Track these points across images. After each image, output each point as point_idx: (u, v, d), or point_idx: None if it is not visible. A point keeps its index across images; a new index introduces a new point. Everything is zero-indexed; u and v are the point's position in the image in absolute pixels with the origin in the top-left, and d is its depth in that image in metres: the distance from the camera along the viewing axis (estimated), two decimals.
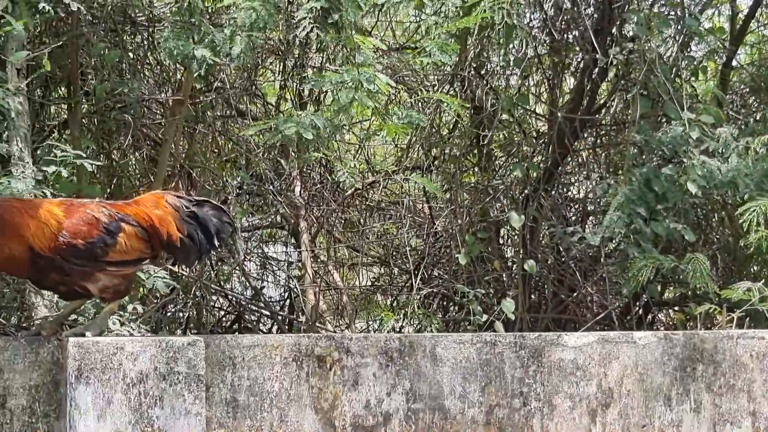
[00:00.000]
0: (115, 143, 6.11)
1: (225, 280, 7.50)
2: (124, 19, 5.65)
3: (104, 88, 5.27)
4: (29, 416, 3.54)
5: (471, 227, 6.69)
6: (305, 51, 6.22)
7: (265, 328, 7.34)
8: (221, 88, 6.49)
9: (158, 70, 6.34)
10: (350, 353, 3.98)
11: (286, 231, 7.48)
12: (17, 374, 3.53)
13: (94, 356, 3.53)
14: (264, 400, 3.83)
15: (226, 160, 6.97)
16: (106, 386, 3.55)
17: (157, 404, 3.59)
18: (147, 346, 3.58)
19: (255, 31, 4.68)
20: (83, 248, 3.56)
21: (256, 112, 6.89)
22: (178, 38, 4.57)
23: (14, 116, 4.48)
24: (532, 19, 6.77)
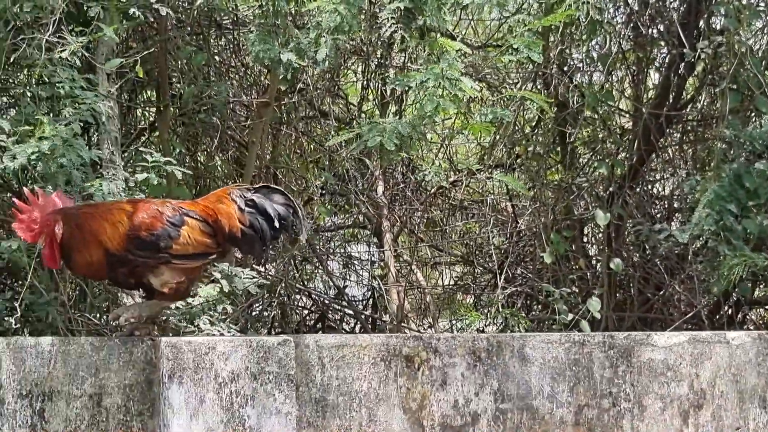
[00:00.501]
0: (201, 146, 6.19)
1: (309, 279, 7.56)
2: (210, 22, 5.72)
3: (191, 91, 5.34)
4: (124, 414, 3.60)
5: (555, 225, 6.63)
6: (388, 51, 6.23)
7: (348, 327, 7.38)
8: (304, 90, 6.54)
9: (243, 73, 6.41)
10: (438, 353, 3.97)
11: (368, 230, 7.51)
12: (112, 373, 3.59)
13: (186, 356, 3.58)
14: (353, 399, 3.84)
15: (309, 160, 7.01)
16: (199, 385, 3.59)
17: (248, 403, 3.63)
18: (238, 346, 3.62)
19: (339, 33, 4.70)
20: (147, 240, 3.61)
21: (339, 112, 6.93)
22: (264, 41, 4.61)
23: (105, 120, 4.57)
24: (615, 14, 6.69)
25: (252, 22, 5.73)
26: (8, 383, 3.49)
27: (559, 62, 6.47)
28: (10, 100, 5.14)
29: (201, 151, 6.37)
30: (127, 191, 4.44)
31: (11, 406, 3.50)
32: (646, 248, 6.76)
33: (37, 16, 4.33)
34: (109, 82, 4.65)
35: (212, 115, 5.66)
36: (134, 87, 5.88)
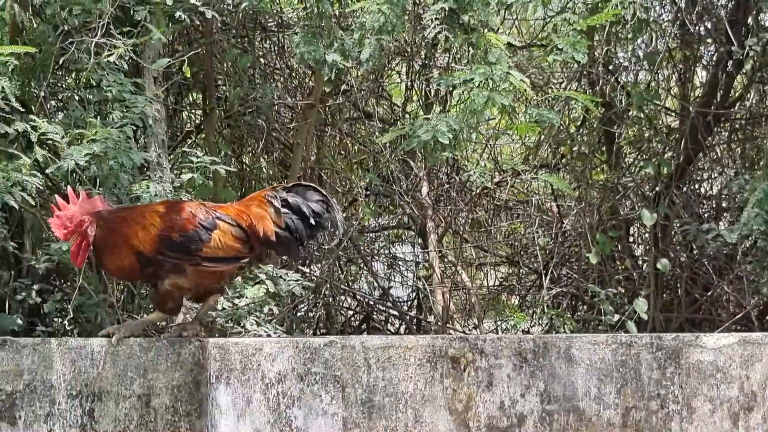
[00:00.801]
0: (246, 148, 6.23)
1: (353, 280, 7.57)
2: (255, 25, 5.75)
3: (237, 93, 5.37)
4: (172, 415, 3.62)
5: (600, 225, 6.58)
6: (432, 51, 6.22)
7: (393, 328, 7.38)
8: (348, 91, 6.55)
9: (287, 75, 6.44)
10: (484, 354, 3.96)
11: (413, 231, 7.50)
12: (160, 374, 3.62)
13: (233, 357, 3.61)
14: (399, 400, 3.84)
15: (353, 161, 7.02)
16: (246, 386, 3.62)
17: (294, 404, 3.65)
18: (285, 347, 3.64)
19: (383, 34, 4.70)
20: (178, 241, 3.62)
21: (383, 113, 6.93)
22: (308, 43, 4.62)
23: (152, 123, 4.61)
24: (662, 12, 6.63)
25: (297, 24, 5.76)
26: (59, 384, 3.54)
27: (604, 61, 6.42)
28: (58, 103, 5.19)
29: (246, 153, 6.40)
30: (174, 193, 4.48)
31: (62, 406, 3.54)
32: (694, 248, 6.69)
33: (85, 21, 4.38)
34: (156, 85, 4.68)
35: (257, 118, 5.69)
36: (180, 90, 5.93)
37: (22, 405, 3.52)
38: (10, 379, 3.51)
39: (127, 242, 3.60)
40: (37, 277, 4.62)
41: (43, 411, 3.53)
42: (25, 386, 3.52)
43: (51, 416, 3.53)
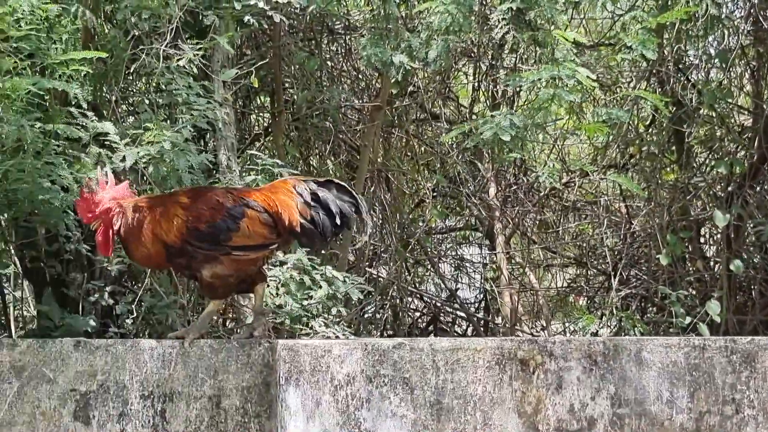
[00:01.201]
0: (314, 150, 6.25)
1: (420, 282, 7.57)
2: (322, 28, 5.77)
3: (305, 96, 5.40)
4: (242, 416, 3.64)
5: (671, 226, 6.48)
6: (499, 52, 6.19)
7: (459, 329, 7.36)
8: (415, 93, 6.55)
9: (354, 78, 6.46)
10: (553, 357, 3.92)
11: (480, 233, 7.48)
12: (230, 375, 3.64)
13: (303, 359, 3.62)
14: (467, 403, 3.82)
15: (420, 163, 7.02)
16: (315, 388, 3.63)
17: (363, 406, 3.65)
18: (354, 349, 3.64)
19: (450, 34, 4.69)
20: (206, 232, 3.60)
21: (450, 114, 6.91)
22: (376, 45, 4.63)
23: (221, 126, 4.65)
24: (734, 8, 6.51)
25: (363, 27, 5.78)
26: (131, 384, 3.58)
27: (674, 60, 6.32)
28: (129, 108, 5.26)
29: (313, 155, 6.43)
30: None
31: (134, 406, 3.58)
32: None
33: (154, 26, 4.43)
34: (225, 89, 4.72)
35: (325, 120, 5.71)
36: (248, 93, 5.97)
37: (96, 405, 3.57)
38: (84, 380, 3.56)
39: (152, 232, 3.59)
40: (110, 279, 4.69)
41: (115, 411, 3.58)
42: (99, 387, 3.57)
43: (123, 416, 3.58)
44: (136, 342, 3.61)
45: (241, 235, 3.62)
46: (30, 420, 3.52)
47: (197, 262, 3.62)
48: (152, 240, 3.59)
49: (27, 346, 3.55)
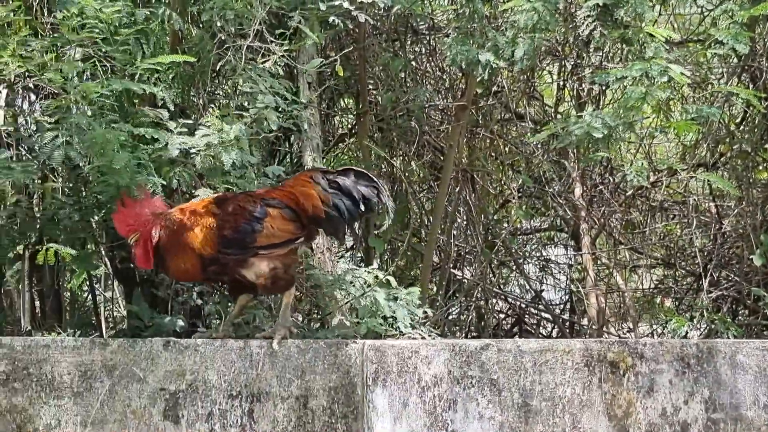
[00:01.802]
0: (398, 150, 6.24)
1: (504, 283, 7.50)
2: (406, 28, 5.76)
3: (389, 97, 5.38)
4: (329, 416, 3.64)
5: (764, 226, 6.31)
6: (586, 50, 6.10)
7: (545, 331, 7.27)
8: (499, 92, 6.49)
9: (437, 78, 6.43)
10: (644, 359, 3.84)
11: (565, 233, 7.38)
12: (317, 376, 3.64)
13: (390, 359, 3.61)
14: (556, 405, 3.76)
15: (506, 163, 6.96)
16: (402, 389, 3.61)
17: (451, 408, 3.62)
18: (441, 350, 3.61)
19: (537, 32, 4.63)
20: (232, 238, 3.63)
21: (534, 114, 6.84)
22: (461, 44, 4.59)
23: (306, 128, 4.66)
24: None
25: (447, 26, 5.75)
26: (220, 384, 3.60)
27: (767, 54, 6.15)
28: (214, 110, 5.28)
29: (397, 156, 6.41)
30: None
31: (223, 405, 3.60)
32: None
33: (239, 28, 4.46)
34: (311, 90, 4.73)
35: (409, 120, 5.69)
36: (332, 95, 5.99)
37: (185, 404, 3.60)
38: (173, 379, 3.59)
39: (189, 246, 3.63)
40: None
41: (204, 411, 3.60)
42: (188, 386, 3.60)
43: (212, 416, 3.60)
44: (224, 342, 3.64)
45: (265, 235, 3.66)
46: (121, 418, 3.56)
47: (230, 268, 3.66)
48: (189, 254, 3.64)
49: (118, 345, 3.60)
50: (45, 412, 3.56)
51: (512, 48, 4.66)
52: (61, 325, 4.93)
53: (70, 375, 3.57)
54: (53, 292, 5.22)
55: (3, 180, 4.07)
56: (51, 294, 5.21)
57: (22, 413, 3.56)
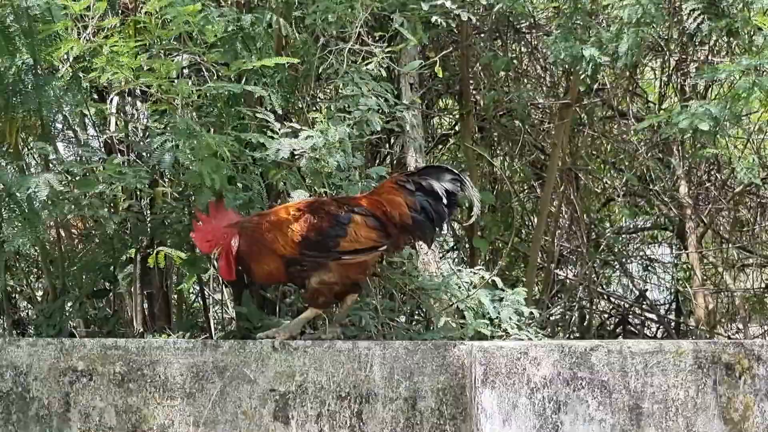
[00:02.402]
0: (500, 150, 6.20)
1: (607, 283, 7.40)
2: (507, 27, 5.71)
3: (492, 96, 5.35)
4: (437, 418, 3.63)
5: None
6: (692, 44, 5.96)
7: (649, 332, 7.14)
8: (601, 90, 6.40)
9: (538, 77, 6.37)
10: (761, 361, 3.74)
11: (670, 232, 7.23)
12: (426, 377, 3.63)
13: (498, 361, 3.58)
14: (668, 408, 3.68)
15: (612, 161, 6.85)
16: (511, 390, 3.58)
17: (560, 409, 3.57)
18: (550, 351, 3.57)
19: (641, 26, 4.55)
20: (315, 240, 3.65)
21: (637, 111, 6.72)
22: (565, 40, 4.54)
23: (408, 129, 4.66)
24: None
25: (548, 24, 5.69)
26: (328, 385, 3.62)
27: None
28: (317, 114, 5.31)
29: (498, 155, 6.37)
30: None
31: (332, 407, 3.62)
32: None
33: (341, 31, 4.48)
34: (412, 91, 4.73)
35: (512, 120, 5.65)
36: (432, 96, 5.97)
37: (294, 405, 3.63)
38: (282, 380, 3.62)
39: (270, 248, 3.67)
40: None
41: (314, 412, 3.62)
42: (297, 387, 3.62)
43: (321, 417, 3.62)
44: (333, 343, 3.65)
45: (348, 240, 3.69)
46: (232, 419, 3.61)
47: (307, 270, 3.69)
48: (272, 256, 3.68)
49: (229, 347, 3.64)
50: (159, 413, 3.63)
51: (616, 43, 4.58)
52: (169, 327, 5.02)
53: (182, 376, 3.63)
54: (161, 295, 5.32)
55: (116, 185, 4.17)
56: (159, 296, 5.31)
57: (137, 413, 3.63)
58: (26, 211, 4.20)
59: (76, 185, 4.19)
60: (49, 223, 4.65)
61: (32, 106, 4.40)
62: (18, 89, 4.47)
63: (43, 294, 5.32)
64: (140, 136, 4.97)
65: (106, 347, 3.67)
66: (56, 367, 3.68)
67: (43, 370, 3.68)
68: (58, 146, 4.91)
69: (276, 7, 4.47)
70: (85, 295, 4.81)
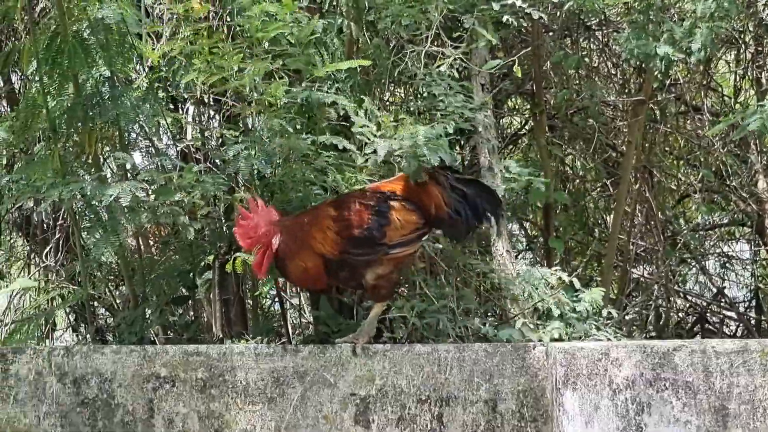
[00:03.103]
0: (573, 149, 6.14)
1: (683, 281, 7.28)
2: (578, 25, 5.66)
3: (564, 95, 5.30)
4: (518, 420, 3.61)
5: None
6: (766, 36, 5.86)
7: (728, 330, 7.02)
8: (673, 85, 6.31)
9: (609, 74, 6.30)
10: None
11: (748, 228, 7.10)
12: (506, 379, 3.61)
13: (579, 362, 3.54)
14: (756, 409, 3.61)
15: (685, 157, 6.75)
16: (593, 392, 3.54)
17: (644, 411, 3.53)
18: (632, 352, 3.53)
19: (717, 20, 4.47)
20: (362, 236, 3.61)
21: (712, 106, 6.61)
22: (637, 37, 4.48)
23: (481, 130, 4.64)
24: None
25: (618, 21, 5.62)
26: (408, 389, 3.62)
27: None
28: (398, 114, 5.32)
29: (571, 154, 6.32)
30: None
31: (412, 410, 3.62)
32: None
33: (414, 33, 4.48)
34: (484, 91, 4.71)
35: (585, 119, 5.59)
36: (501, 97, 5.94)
37: (375, 409, 3.64)
38: (363, 384, 3.64)
39: (309, 246, 3.62)
40: None
41: (394, 415, 3.63)
42: (377, 391, 3.63)
43: (402, 421, 3.63)
44: (412, 347, 3.66)
45: (393, 228, 3.65)
46: (313, 423, 3.63)
47: (360, 270, 3.65)
48: (309, 255, 3.63)
49: (308, 351, 3.67)
50: (241, 418, 3.66)
51: (689, 39, 4.50)
52: (246, 332, 5.07)
53: (263, 381, 3.66)
54: (238, 300, 5.37)
55: (195, 193, 4.22)
56: (236, 302, 5.37)
57: (219, 419, 3.68)
58: (106, 221, 4.28)
59: (155, 193, 4.26)
60: (128, 231, 4.73)
61: (110, 117, 4.48)
62: (96, 101, 4.56)
63: (124, 301, 5.41)
64: (215, 144, 5.02)
65: (187, 353, 3.71)
66: (140, 374, 3.74)
67: (127, 376, 3.74)
68: (134, 156, 4.99)
69: (347, 12, 4.48)
70: (165, 301, 4.87)
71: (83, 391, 3.78)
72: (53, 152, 4.55)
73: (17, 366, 3.84)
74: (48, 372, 3.81)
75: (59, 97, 4.63)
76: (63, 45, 4.43)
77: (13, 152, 5.50)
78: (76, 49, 4.39)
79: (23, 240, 6.88)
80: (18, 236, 6.94)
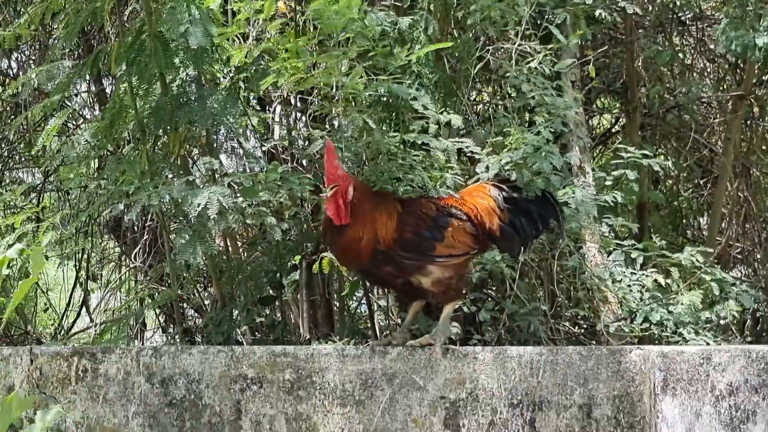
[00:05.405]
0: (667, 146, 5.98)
1: None
2: (671, 19, 5.50)
3: (657, 91, 5.15)
4: (614, 426, 3.48)
5: None
6: None
7: None
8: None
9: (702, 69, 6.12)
10: None
11: None
12: (600, 384, 3.49)
13: (679, 367, 3.41)
14: None
15: None
16: (693, 398, 3.41)
17: (749, 419, 3.38)
18: (735, 357, 3.38)
19: None
20: (412, 241, 3.53)
21: None
22: (735, 29, 4.32)
23: (572, 127, 4.52)
24: None
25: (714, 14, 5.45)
26: (499, 392, 3.52)
27: None
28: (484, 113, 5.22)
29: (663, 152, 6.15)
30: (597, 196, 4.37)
31: (503, 415, 3.52)
32: None
33: (503, 30, 4.39)
34: (574, 89, 4.60)
35: (680, 116, 5.43)
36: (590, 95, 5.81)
37: (465, 413, 3.55)
38: (452, 387, 3.55)
39: (371, 219, 3.53)
40: (471, 287, 4.68)
41: (485, 420, 3.53)
42: (467, 394, 3.54)
43: (493, 425, 3.53)
44: (503, 350, 3.56)
45: (445, 245, 3.58)
46: (402, 427, 3.55)
47: (406, 271, 3.57)
48: (368, 227, 3.52)
49: (397, 354, 3.59)
50: (328, 420, 3.60)
51: None
52: (332, 334, 5.03)
53: (351, 383, 3.60)
54: (324, 301, 5.33)
55: (281, 193, 4.19)
56: (322, 303, 5.33)
57: (307, 421, 3.62)
58: (195, 224, 4.27)
59: (241, 194, 4.23)
60: (216, 233, 4.72)
61: (196, 118, 4.46)
62: (182, 102, 4.55)
63: (212, 302, 5.41)
64: (302, 144, 4.98)
65: (275, 354, 3.67)
66: (227, 375, 3.70)
67: (214, 377, 3.71)
68: (221, 157, 4.98)
69: (433, 10, 4.41)
70: (252, 302, 4.85)
71: (171, 391, 3.76)
72: (141, 153, 4.56)
73: (106, 365, 3.84)
74: (136, 372, 3.80)
75: (146, 97, 4.63)
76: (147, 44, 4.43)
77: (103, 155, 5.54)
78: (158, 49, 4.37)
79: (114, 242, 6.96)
80: (110, 238, 7.03)
